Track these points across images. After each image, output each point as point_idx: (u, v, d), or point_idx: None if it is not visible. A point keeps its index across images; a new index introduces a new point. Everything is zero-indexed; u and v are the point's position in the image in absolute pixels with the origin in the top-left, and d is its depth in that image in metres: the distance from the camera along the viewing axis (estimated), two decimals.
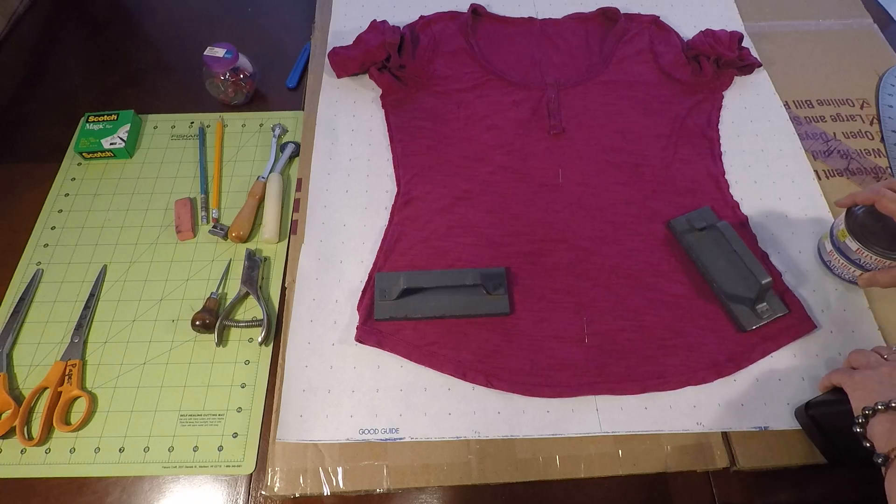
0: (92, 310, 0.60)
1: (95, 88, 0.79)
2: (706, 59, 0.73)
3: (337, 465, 0.51)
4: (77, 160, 0.72)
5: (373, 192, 0.66)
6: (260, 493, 0.52)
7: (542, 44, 0.78)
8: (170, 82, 0.80)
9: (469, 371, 0.54)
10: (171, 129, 0.74)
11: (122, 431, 0.54)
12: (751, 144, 0.70)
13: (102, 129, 0.71)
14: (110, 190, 0.69)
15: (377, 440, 0.51)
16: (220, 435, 0.54)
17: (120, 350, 0.58)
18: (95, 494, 0.52)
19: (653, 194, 0.64)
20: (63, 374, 0.56)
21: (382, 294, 0.57)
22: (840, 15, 0.84)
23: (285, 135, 0.73)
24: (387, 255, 0.61)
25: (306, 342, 0.56)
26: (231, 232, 0.64)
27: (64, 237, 0.66)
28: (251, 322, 0.59)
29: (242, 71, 0.73)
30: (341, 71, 0.74)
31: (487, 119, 0.70)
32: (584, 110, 0.71)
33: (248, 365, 0.58)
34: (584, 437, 0.51)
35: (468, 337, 0.56)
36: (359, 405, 0.53)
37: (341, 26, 0.80)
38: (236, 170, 0.71)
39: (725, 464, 0.51)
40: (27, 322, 0.60)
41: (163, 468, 0.53)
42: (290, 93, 0.78)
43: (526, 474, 0.50)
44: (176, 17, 0.88)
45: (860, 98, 0.74)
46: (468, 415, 0.52)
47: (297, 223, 0.64)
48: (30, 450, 0.53)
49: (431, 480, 0.50)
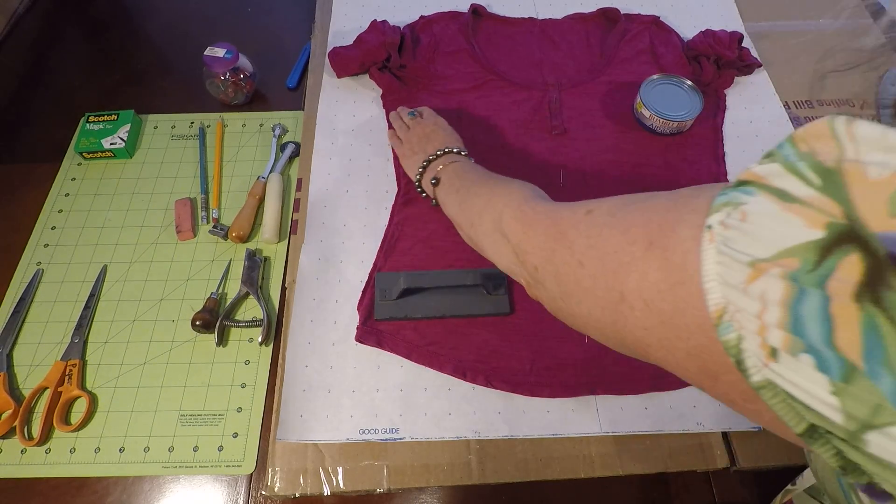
0: (92, 310, 0.60)
1: (95, 88, 0.79)
2: (706, 59, 0.73)
3: (337, 465, 0.51)
4: (77, 160, 0.72)
5: (373, 192, 0.66)
6: (260, 493, 0.52)
7: (542, 44, 0.78)
8: (170, 82, 0.80)
9: (469, 371, 0.54)
10: (171, 129, 0.74)
11: (123, 431, 0.54)
12: (751, 145, 0.70)
13: (102, 129, 0.71)
14: (110, 190, 0.69)
15: (377, 440, 0.51)
16: (220, 435, 0.54)
17: (120, 350, 0.58)
18: (95, 494, 0.52)
19: None
20: (63, 374, 0.56)
21: (382, 294, 0.57)
22: (839, 15, 0.84)
23: (285, 135, 0.73)
24: (387, 255, 0.61)
25: (306, 342, 0.56)
26: (231, 232, 0.64)
27: (64, 237, 0.66)
28: (251, 322, 0.59)
29: (242, 71, 0.73)
30: (342, 71, 0.74)
31: (488, 119, 0.70)
32: (585, 110, 0.71)
33: (248, 365, 0.58)
34: (584, 437, 0.52)
35: (468, 337, 0.56)
36: (359, 405, 0.53)
37: (341, 26, 0.80)
38: (236, 170, 0.71)
39: (725, 464, 0.51)
40: (27, 322, 0.60)
41: (163, 468, 0.53)
42: (290, 93, 0.78)
43: (526, 474, 0.50)
44: (176, 17, 0.88)
45: (860, 98, 0.75)
46: (468, 415, 0.52)
47: (297, 223, 0.64)
48: (30, 450, 0.53)
49: (431, 480, 0.50)
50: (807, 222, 0.18)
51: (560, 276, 0.33)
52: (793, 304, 0.19)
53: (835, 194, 0.18)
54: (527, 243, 0.37)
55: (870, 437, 0.17)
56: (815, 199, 0.18)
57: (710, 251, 0.22)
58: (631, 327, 0.28)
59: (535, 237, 0.36)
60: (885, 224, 0.17)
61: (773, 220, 0.19)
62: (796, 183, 0.19)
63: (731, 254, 0.21)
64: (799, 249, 0.18)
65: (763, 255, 0.19)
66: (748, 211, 0.20)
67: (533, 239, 0.37)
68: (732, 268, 0.21)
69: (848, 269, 0.17)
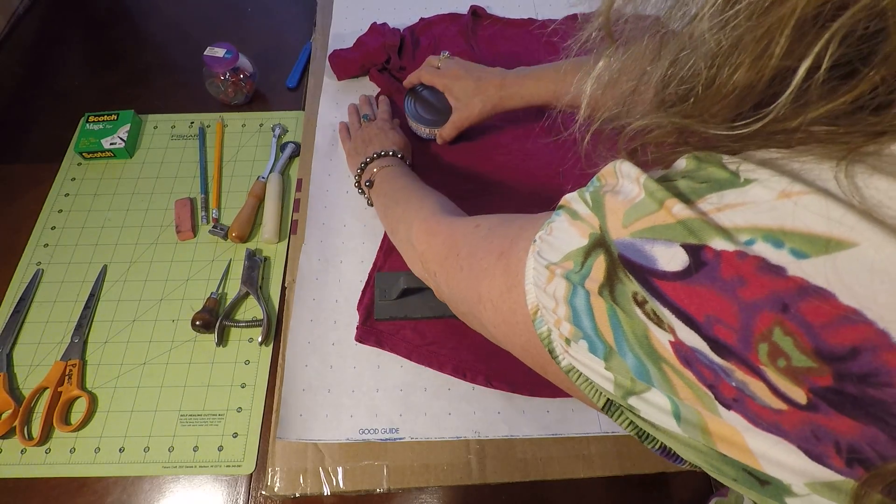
0: (92, 310, 0.60)
1: (95, 88, 0.80)
2: None
3: (337, 465, 0.51)
4: (77, 160, 0.72)
5: None
6: (260, 492, 0.52)
7: (542, 45, 0.78)
8: (170, 82, 0.80)
9: (469, 371, 0.54)
10: (171, 129, 0.74)
11: (122, 431, 0.54)
12: None
13: (102, 129, 0.71)
14: (110, 190, 0.69)
15: (377, 440, 0.51)
16: (220, 435, 0.54)
17: (120, 350, 0.58)
18: (95, 494, 0.52)
19: None
20: (63, 374, 0.56)
21: (382, 294, 0.57)
22: None
23: (285, 135, 0.74)
24: (387, 254, 0.61)
25: (306, 342, 0.56)
26: (231, 232, 0.64)
27: (64, 237, 0.66)
28: (251, 322, 0.59)
29: (242, 71, 0.74)
30: (342, 73, 0.74)
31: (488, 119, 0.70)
32: None
33: (248, 365, 0.58)
34: (584, 437, 0.52)
35: (468, 337, 0.56)
36: (359, 405, 0.53)
37: (342, 28, 0.80)
38: (236, 170, 0.71)
39: None
40: (27, 322, 0.60)
41: (163, 468, 0.53)
42: (290, 93, 0.78)
43: (526, 474, 0.50)
44: (176, 17, 0.88)
45: None
46: (468, 415, 0.53)
47: (297, 223, 0.64)
48: (30, 450, 0.53)
49: (431, 480, 0.50)
50: (579, 233, 0.23)
51: (449, 280, 0.38)
52: (570, 299, 0.23)
53: (598, 212, 0.23)
54: (429, 252, 0.42)
55: (632, 401, 0.22)
56: (588, 216, 0.23)
57: (531, 260, 0.26)
58: (486, 324, 0.33)
59: (435, 246, 0.41)
60: (620, 233, 0.21)
61: (563, 233, 0.24)
62: (582, 205, 0.24)
63: (539, 261, 0.25)
64: (573, 254, 0.23)
65: (554, 259, 0.24)
66: (553, 227, 0.25)
67: (434, 248, 0.41)
68: (539, 272, 0.25)
69: (597, 269, 0.22)
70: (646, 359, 0.20)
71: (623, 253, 0.21)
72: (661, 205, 0.20)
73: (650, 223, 0.20)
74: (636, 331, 0.21)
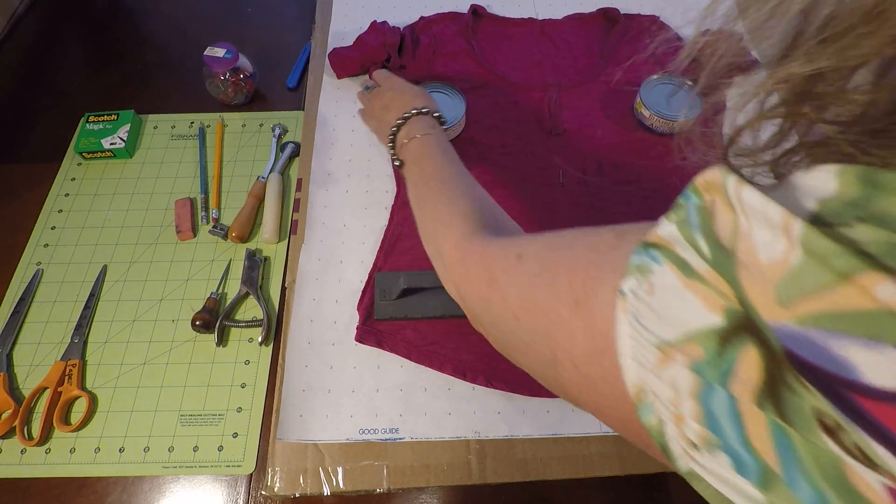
0: (92, 310, 0.60)
1: (95, 88, 0.79)
2: None
3: (337, 465, 0.51)
4: (77, 160, 0.72)
5: (373, 193, 0.66)
6: (260, 493, 0.52)
7: (542, 44, 0.78)
8: (170, 82, 0.80)
9: (469, 371, 0.54)
10: (171, 129, 0.74)
11: (122, 431, 0.54)
12: None
13: (102, 129, 0.71)
14: (110, 190, 0.69)
15: (377, 440, 0.51)
16: (220, 435, 0.54)
17: (120, 350, 0.58)
18: (95, 494, 0.52)
19: (654, 194, 0.64)
20: (63, 374, 0.56)
21: (382, 294, 0.57)
22: None
23: (285, 135, 0.73)
24: (387, 255, 0.61)
25: (306, 342, 0.56)
26: (231, 232, 0.64)
27: (64, 237, 0.66)
28: (251, 322, 0.59)
29: (242, 71, 0.73)
30: (341, 71, 0.74)
31: (488, 119, 0.70)
32: (585, 111, 0.71)
33: (248, 365, 0.58)
34: (584, 437, 0.52)
35: (468, 337, 0.56)
36: (359, 405, 0.53)
37: (341, 27, 0.80)
38: (236, 170, 0.71)
39: None
40: (27, 322, 0.60)
41: (163, 468, 0.53)
42: (290, 93, 0.78)
43: (526, 474, 0.50)
44: (176, 17, 0.88)
45: None
46: (468, 415, 0.53)
47: (297, 223, 0.64)
48: (30, 450, 0.53)
49: (431, 480, 0.50)
50: (705, 304, 0.17)
51: (498, 327, 0.32)
52: (703, 398, 0.17)
53: (724, 272, 0.17)
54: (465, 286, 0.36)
55: None
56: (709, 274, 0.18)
57: (625, 324, 0.21)
58: (568, 386, 0.26)
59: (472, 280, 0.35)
60: (776, 314, 0.15)
61: (675, 297, 0.19)
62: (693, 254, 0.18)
63: (641, 332, 0.20)
64: (700, 337, 0.17)
65: (669, 337, 0.19)
66: (655, 283, 0.20)
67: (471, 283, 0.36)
68: (644, 347, 0.20)
69: (747, 368, 0.16)
70: (834, 496, 0.14)
71: (791, 348, 0.14)
72: (845, 278, 0.13)
73: (831, 307, 0.14)
74: (821, 460, 0.14)
